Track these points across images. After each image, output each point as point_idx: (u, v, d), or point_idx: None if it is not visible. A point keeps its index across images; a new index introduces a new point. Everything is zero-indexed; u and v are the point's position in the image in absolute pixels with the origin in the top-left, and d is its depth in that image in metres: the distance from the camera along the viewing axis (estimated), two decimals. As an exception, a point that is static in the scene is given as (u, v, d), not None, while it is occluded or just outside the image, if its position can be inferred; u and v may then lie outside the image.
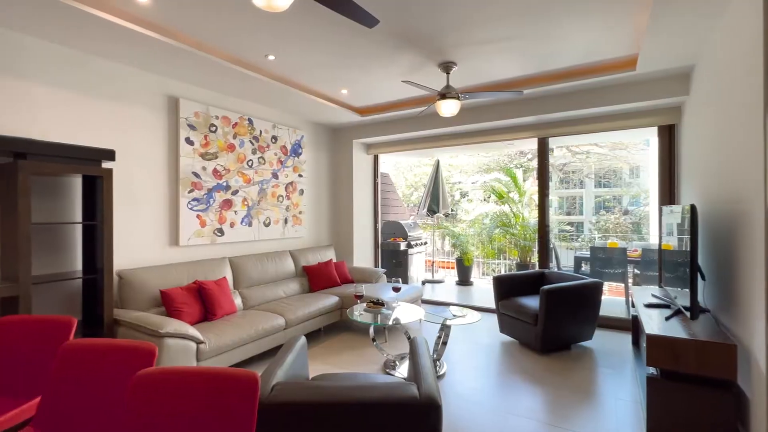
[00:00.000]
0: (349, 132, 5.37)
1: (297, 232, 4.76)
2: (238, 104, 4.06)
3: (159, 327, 2.47)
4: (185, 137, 3.50)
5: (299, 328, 3.53)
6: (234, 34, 2.76)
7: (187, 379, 1.02)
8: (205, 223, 3.68)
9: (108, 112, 3.01)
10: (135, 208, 3.18)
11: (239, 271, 3.77)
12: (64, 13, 2.29)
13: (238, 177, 3.99)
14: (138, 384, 1.03)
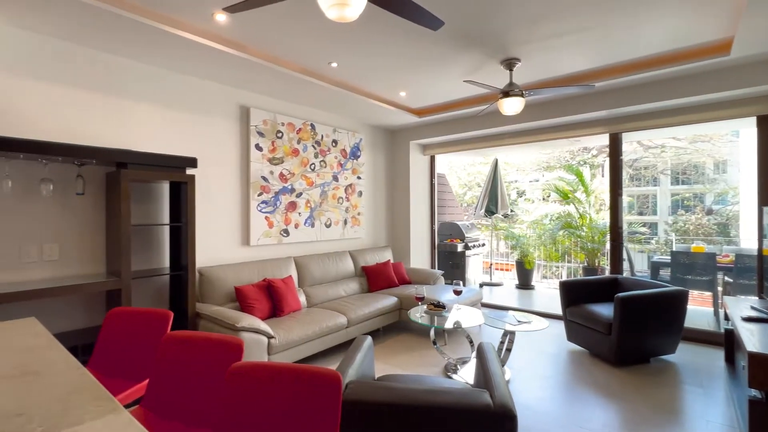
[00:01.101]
0: (405, 133, 5.39)
1: (356, 232, 4.87)
2: (302, 111, 4.25)
3: (235, 321, 2.67)
4: (255, 144, 3.74)
5: (360, 327, 3.62)
6: (300, 45, 2.89)
7: (276, 373, 1.10)
8: (273, 225, 3.90)
9: (191, 123, 3.30)
10: (212, 211, 3.46)
11: (303, 270, 3.94)
12: (158, 37, 2.55)
13: (301, 180, 4.18)
14: (233, 375, 1.12)
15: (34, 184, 2.50)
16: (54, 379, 1.03)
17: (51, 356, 1.19)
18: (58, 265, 2.61)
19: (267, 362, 1.13)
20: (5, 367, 1.10)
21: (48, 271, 2.58)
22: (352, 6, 1.71)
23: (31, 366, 1.11)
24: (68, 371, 1.08)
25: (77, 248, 2.69)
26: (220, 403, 1.15)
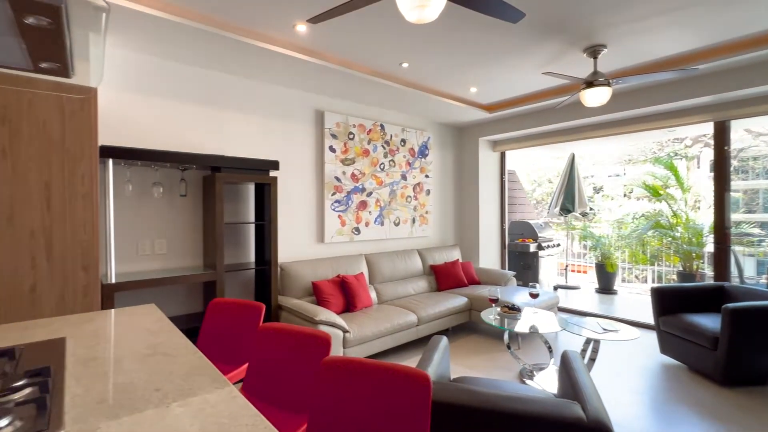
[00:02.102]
0: (475, 130, 5.26)
1: (423, 231, 4.87)
2: (372, 112, 4.34)
3: (314, 315, 2.82)
4: (329, 146, 3.91)
5: (430, 326, 3.62)
6: (372, 48, 2.96)
7: (367, 369, 1.14)
8: (345, 223, 4.05)
9: (273, 129, 3.55)
10: (291, 210, 3.69)
11: (373, 267, 4.04)
12: (248, 51, 2.77)
13: (371, 180, 4.29)
14: (327, 367, 1.19)
15: (147, 187, 2.87)
16: (178, 359, 1.18)
17: (173, 339, 1.36)
18: (165, 258, 2.98)
19: (358, 358, 1.18)
20: (141, 346, 1.28)
21: (158, 263, 2.95)
22: (432, 7, 1.71)
23: (160, 347, 1.28)
24: (188, 354, 1.23)
25: (180, 243, 3.04)
26: (314, 392, 1.23)
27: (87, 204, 2.30)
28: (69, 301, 2.24)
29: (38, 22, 0.90)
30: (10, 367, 1.03)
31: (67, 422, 0.82)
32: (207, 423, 0.82)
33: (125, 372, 1.08)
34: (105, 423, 0.82)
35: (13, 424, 0.79)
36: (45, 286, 2.17)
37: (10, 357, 1.14)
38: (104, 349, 1.27)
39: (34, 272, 2.15)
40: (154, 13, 2.32)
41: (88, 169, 2.30)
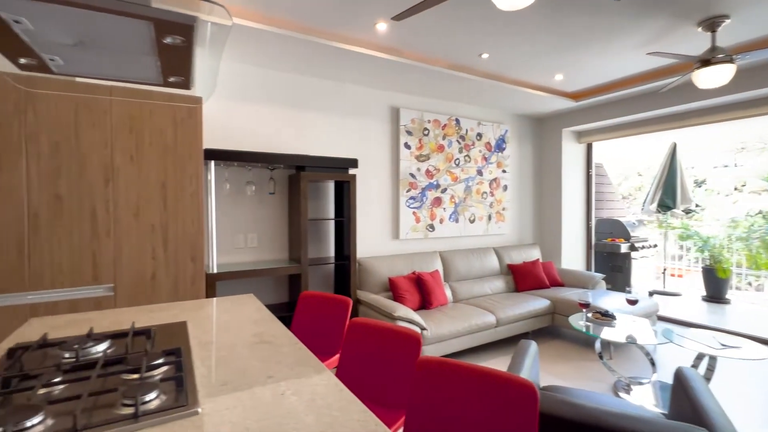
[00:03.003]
0: (557, 121, 4.90)
1: (500, 228, 4.67)
2: (447, 106, 4.26)
3: (392, 311, 2.85)
4: (404, 142, 3.91)
5: (509, 328, 3.47)
6: (451, 41, 2.88)
7: (466, 373, 1.11)
8: (419, 220, 4.04)
9: (350, 128, 3.65)
10: (367, 207, 3.77)
11: (448, 264, 3.98)
12: (330, 53, 2.87)
13: (446, 176, 4.21)
14: (423, 367, 1.18)
15: (242, 186, 3.13)
16: (283, 349, 1.26)
17: (274, 329, 1.46)
18: (256, 251, 3.22)
19: (453, 360, 1.16)
20: (248, 334, 1.39)
21: (250, 255, 3.20)
22: (526, -9, 1.61)
23: (264, 336, 1.38)
24: (291, 344, 1.30)
25: (269, 238, 3.27)
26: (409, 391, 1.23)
27: (194, 201, 2.56)
28: (180, 288, 2.53)
29: (173, 41, 1.00)
30: (149, 345, 1.18)
31: (201, 400, 0.91)
32: (320, 414, 0.86)
33: (239, 357, 1.18)
34: (231, 404, 0.90)
35: (159, 398, 0.90)
36: (162, 274, 2.47)
37: (147, 336, 1.30)
38: (218, 333, 1.40)
39: (154, 262, 2.45)
40: (244, 24, 2.50)
41: (195, 171, 2.56)
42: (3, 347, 1.24)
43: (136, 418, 0.82)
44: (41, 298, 2.18)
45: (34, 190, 2.16)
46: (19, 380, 0.96)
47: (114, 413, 0.84)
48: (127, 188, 2.37)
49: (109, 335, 1.28)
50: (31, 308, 2.16)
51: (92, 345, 1.18)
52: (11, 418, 0.76)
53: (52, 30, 0.93)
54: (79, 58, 1.13)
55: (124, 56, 1.13)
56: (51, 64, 1.15)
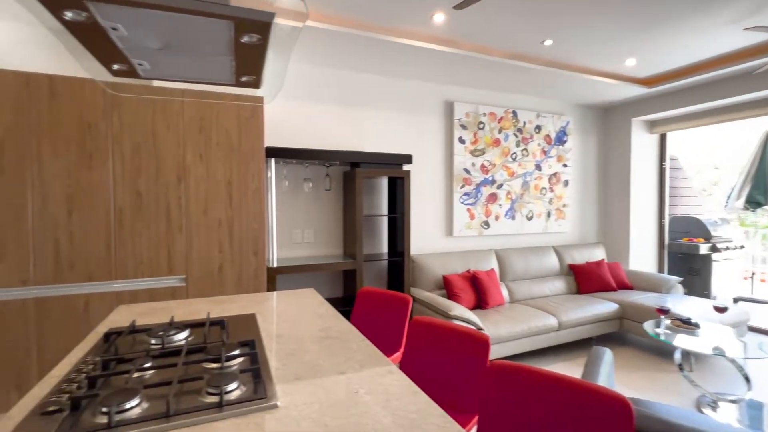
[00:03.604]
0: (626, 109, 4.52)
1: (560, 226, 4.41)
2: (504, 98, 4.08)
3: (448, 309, 2.79)
4: (458, 137, 3.81)
5: (571, 332, 3.26)
6: (512, 29, 2.73)
7: (542, 381, 1.04)
8: (474, 216, 3.91)
9: (404, 123, 3.61)
10: (421, 203, 3.72)
11: (504, 263, 3.82)
12: (384, 48, 2.85)
13: (502, 171, 4.04)
14: (495, 372, 1.12)
15: (299, 183, 3.21)
16: (350, 345, 1.25)
17: (340, 324, 1.47)
18: (312, 246, 3.30)
19: (529, 366, 1.09)
20: (315, 329, 1.41)
21: (306, 251, 3.28)
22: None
23: (330, 331, 1.39)
24: (357, 340, 1.30)
25: (324, 234, 3.33)
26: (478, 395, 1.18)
27: (256, 198, 2.66)
28: (244, 280, 2.65)
29: (250, 39, 1.02)
30: (225, 336, 1.23)
31: (279, 394, 0.92)
32: (398, 416, 0.83)
33: (308, 352, 1.19)
34: (308, 399, 0.90)
35: (239, 388, 0.92)
36: (228, 267, 2.60)
37: (221, 326, 1.36)
38: (286, 327, 1.43)
39: (221, 255, 2.58)
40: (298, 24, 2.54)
41: (257, 168, 2.66)
42: (99, 331, 1.36)
43: (220, 407, 0.84)
44: (125, 287, 2.38)
45: (118, 187, 2.35)
46: (116, 363, 1.04)
47: (200, 401, 0.87)
48: (197, 186, 2.51)
49: (188, 324, 1.35)
50: (117, 296, 2.36)
51: (174, 333, 1.25)
52: (115, 399, 0.82)
53: (143, 35, 0.99)
54: (163, 62, 1.19)
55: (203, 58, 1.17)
56: (139, 68, 1.22)
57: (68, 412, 0.82)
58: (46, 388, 0.93)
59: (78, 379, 0.94)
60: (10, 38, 2.46)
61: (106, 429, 0.76)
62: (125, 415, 0.81)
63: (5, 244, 2.15)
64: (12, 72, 2.15)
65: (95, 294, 2.32)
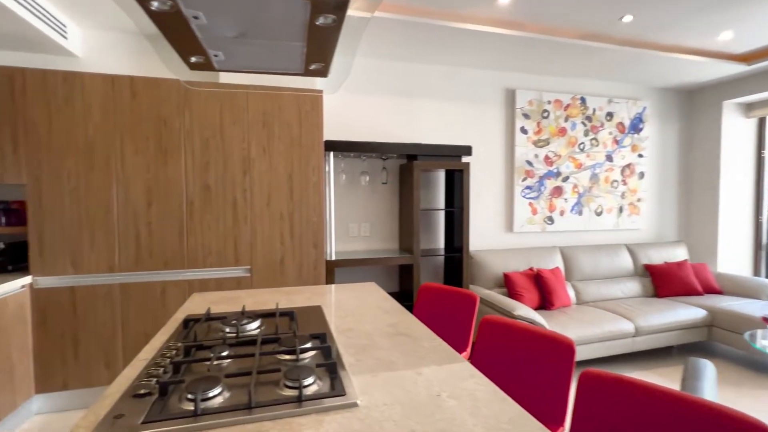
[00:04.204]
0: (716, 91, 4.00)
1: (633, 222, 4.03)
2: (571, 84, 3.78)
3: (512, 309, 2.64)
4: (520, 127, 3.59)
5: (650, 340, 2.96)
6: (587, 5, 2.49)
7: (654, 395, 0.90)
8: (536, 211, 3.68)
9: (461, 114, 3.47)
10: (479, 197, 3.56)
11: (570, 261, 3.56)
12: (443, 35, 2.74)
13: (568, 162, 3.76)
14: (589, 382, 1.00)
15: (356, 176, 3.20)
16: (423, 343, 1.19)
17: (407, 320, 1.41)
18: (368, 240, 3.28)
19: (630, 378, 0.95)
20: (383, 324, 1.36)
21: (362, 244, 3.27)
22: None
23: (399, 327, 1.33)
24: (429, 338, 1.23)
25: (380, 228, 3.30)
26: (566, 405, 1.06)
27: (316, 191, 2.68)
28: (304, 272, 2.68)
29: (325, 21, 0.98)
30: (295, 326, 1.22)
31: (357, 392, 0.87)
32: (489, 426, 0.75)
33: (380, 348, 1.14)
34: (388, 399, 0.85)
35: (316, 383, 0.89)
36: (289, 259, 2.65)
37: (290, 318, 1.36)
38: (353, 321, 1.40)
39: (282, 247, 2.64)
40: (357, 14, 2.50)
41: (316, 162, 2.68)
42: (178, 317, 1.41)
43: (300, 401, 0.81)
44: (195, 276, 2.50)
45: (189, 180, 2.47)
46: (195, 349, 1.06)
47: (278, 393, 0.85)
48: (260, 179, 2.58)
49: (259, 314, 1.36)
50: (189, 283, 2.50)
51: (247, 322, 1.26)
52: (199, 386, 0.82)
53: (221, 23, 0.99)
54: (237, 52, 1.20)
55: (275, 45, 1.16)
56: (215, 60, 1.24)
57: (157, 396, 0.83)
58: (136, 371, 0.96)
59: (163, 364, 0.96)
60: (99, 46, 2.67)
61: (193, 416, 0.75)
62: (209, 403, 0.80)
63: (95, 234, 2.35)
64: (100, 75, 2.33)
65: (170, 281, 2.46)
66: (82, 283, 2.34)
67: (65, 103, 2.28)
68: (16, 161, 2.25)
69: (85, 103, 2.31)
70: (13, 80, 2.23)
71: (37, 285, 2.28)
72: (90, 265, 2.35)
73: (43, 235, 2.28)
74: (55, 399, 2.36)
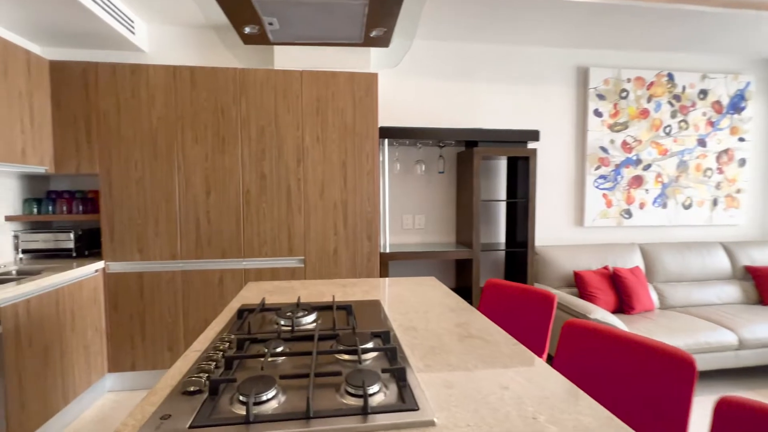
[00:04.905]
0: (843, 60, 3.32)
1: (731, 217, 3.48)
2: (656, 58, 3.32)
3: (587, 311, 2.35)
4: (593, 109, 3.22)
5: (758, 354, 2.51)
6: (691, -43, 2.12)
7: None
8: (611, 203, 3.29)
9: (525, 96, 3.17)
10: (544, 187, 3.25)
11: (653, 261, 3.14)
12: (509, 8, 2.48)
13: (651, 148, 3.31)
14: (730, 412, 0.76)
15: (411, 165, 3.04)
16: (501, 349, 1.01)
17: (478, 321, 1.23)
18: (423, 233, 3.12)
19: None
20: (450, 324, 1.20)
21: (417, 237, 3.11)
22: None
23: (470, 329, 1.17)
24: (507, 343, 1.05)
25: (435, 219, 3.12)
26: None
27: (370, 180, 2.56)
28: (357, 264, 2.58)
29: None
30: (353, 321, 1.09)
31: (432, 407, 0.73)
32: (615, 469, 0.57)
33: (452, 353, 0.98)
34: (471, 419, 0.69)
35: (383, 391, 0.76)
36: (342, 249, 2.57)
37: (348, 312, 1.24)
38: (417, 318, 1.25)
39: (336, 238, 2.55)
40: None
41: (371, 149, 2.55)
42: (233, 306, 1.36)
43: (365, 414, 0.68)
44: (251, 265, 2.50)
45: (246, 169, 2.46)
46: (249, 343, 0.97)
47: (339, 401, 0.72)
48: (314, 168, 2.51)
49: (315, 307, 1.26)
50: (245, 272, 2.50)
51: (302, 315, 1.16)
52: (252, 387, 0.72)
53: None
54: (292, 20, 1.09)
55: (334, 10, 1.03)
56: (269, 29, 1.14)
57: (207, 394, 0.74)
58: (188, 364, 0.89)
59: (215, 358, 0.88)
60: (163, 41, 2.75)
61: (245, 423, 0.65)
62: (262, 408, 0.70)
63: (159, 222, 2.42)
64: (163, 66, 2.38)
65: (228, 270, 2.48)
66: (148, 270, 2.42)
67: (132, 95, 2.36)
68: (90, 152, 2.37)
69: (149, 94, 2.37)
70: (87, 74, 2.34)
71: (109, 270, 2.39)
72: (155, 252, 2.42)
73: (113, 222, 2.38)
74: (125, 378, 2.48)
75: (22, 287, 1.74)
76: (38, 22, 2.26)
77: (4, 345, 1.67)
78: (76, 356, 2.15)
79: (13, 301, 1.71)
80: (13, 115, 2.06)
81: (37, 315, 1.86)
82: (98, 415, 2.21)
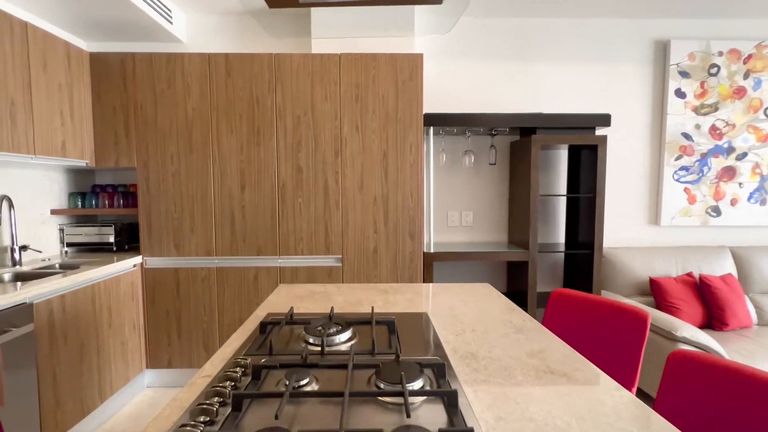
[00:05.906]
0: None
1: None
2: (756, 26, 2.79)
3: (672, 328, 1.97)
4: (674, 89, 2.76)
5: None
6: None
7: None
8: (695, 199, 2.82)
9: (591, 75, 2.78)
10: (611, 180, 2.84)
11: (747, 267, 2.65)
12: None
13: (747, 134, 2.80)
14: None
15: (458, 157, 2.77)
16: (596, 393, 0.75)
17: (553, 345, 0.97)
18: (471, 231, 2.84)
19: None
20: (520, 352, 0.95)
21: (464, 235, 2.84)
22: None
23: (547, 360, 0.91)
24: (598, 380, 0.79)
25: (485, 216, 2.83)
26: None
27: (413, 173, 2.33)
28: (399, 264, 2.36)
29: None
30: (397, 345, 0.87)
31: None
32: None
33: (530, 398, 0.73)
34: None
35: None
36: (383, 248, 2.35)
37: (390, 329, 1.03)
38: (475, 340, 1.01)
39: (376, 236, 2.35)
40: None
41: (415, 138, 2.32)
42: (259, 315, 1.19)
43: (418, 508, 0.46)
44: (287, 263, 2.36)
45: (281, 162, 2.31)
46: (267, 371, 0.78)
47: (380, 476, 0.50)
48: (352, 159, 2.32)
49: (350, 321, 1.05)
50: (280, 270, 2.36)
51: (336, 331, 0.96)
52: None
53: None
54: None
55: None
56: (297, -16, 0.94)
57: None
58: (192, 395, 0.71)
59: (223, 392, 0.69)
60: (200, 30, 2.67)
61: None
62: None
63: (195, 217, 2.33)
64: (198, 54, 2.28)
65: (263, 267, 2.36)
66: (184, 266, 2.35)
67: (168, 86, 2.28)
68: (128, 145, 2.33)
69: (185, 84, 2.28)
70: (125, 65, 2.29)
71: (146, 265, 2.35)
72: (190, 248, 2.35)
73: (150, 217, 2.33)
74: (162, 375, 2.44)
75: (55, 283, 1.70)
76: (78, 14, 2.23)
77: (38, 342, 1.63)
78: (113, 352, 2.11)
79: (47, 297, 1.67)
80: (53, 108, 2.04)
81: (72, 311, 1.82)
82: (135, 412, 2.17)
